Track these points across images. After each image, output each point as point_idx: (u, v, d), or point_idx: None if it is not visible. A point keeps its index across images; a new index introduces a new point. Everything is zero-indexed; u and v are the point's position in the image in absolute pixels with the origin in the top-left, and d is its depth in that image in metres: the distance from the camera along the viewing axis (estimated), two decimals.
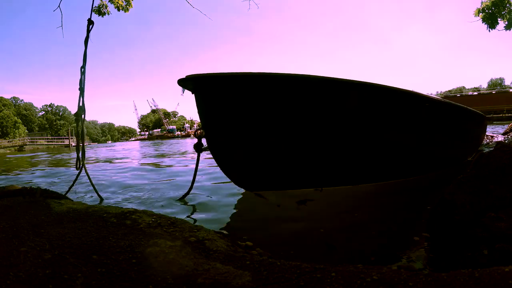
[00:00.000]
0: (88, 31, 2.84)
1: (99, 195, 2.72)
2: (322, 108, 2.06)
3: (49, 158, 10.69)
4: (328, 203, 2.35)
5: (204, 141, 2.35)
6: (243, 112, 2.02)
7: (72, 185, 2.82)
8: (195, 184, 2.63)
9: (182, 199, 2.55)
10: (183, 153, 9.23)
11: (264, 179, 2.31)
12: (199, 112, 2.15)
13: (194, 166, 2.62)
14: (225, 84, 1.95)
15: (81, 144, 2.81)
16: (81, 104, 2.75)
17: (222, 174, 2.32)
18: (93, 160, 8.55)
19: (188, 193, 2.60)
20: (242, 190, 2.71)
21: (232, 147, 2.14)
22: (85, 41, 2.82)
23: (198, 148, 2.43)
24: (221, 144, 2.16)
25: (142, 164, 6.17)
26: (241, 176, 2.30)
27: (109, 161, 7.74)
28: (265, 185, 2.36)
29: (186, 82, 2.05)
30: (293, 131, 2.08)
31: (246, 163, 2.20)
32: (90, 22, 2.86)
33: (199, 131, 2.37)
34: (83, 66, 2.77)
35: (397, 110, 2.29)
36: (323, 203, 2.35)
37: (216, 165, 2.27)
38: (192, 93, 2.14)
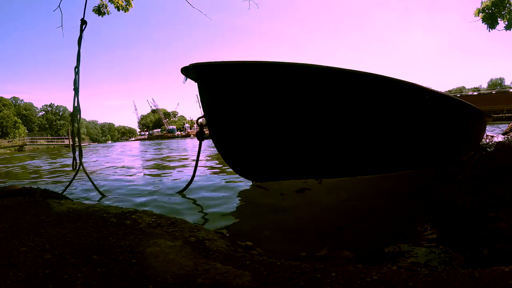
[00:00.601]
0: (81, 31, 2.84)
1: (100, 192, 2.72)
2: (324, 96, 2.05)
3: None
4: (325, 202, 2.35)
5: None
6: (247, 102, 2.01)
7: (69, 184, 2.83)
8: (197, 182, 2.63)
9: (186, 188, 2.54)
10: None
11: (266, 170, 2.31)
12: (201, 101, 2.15)
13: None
14: (228, 72, 1.94)
15: (77, 144, 2.82)
16: (76, 104, 2.74)
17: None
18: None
19: (191, 182, 2.59)
20: (242, 188, 2.71)
21: (235, 137, 2.13)
22: (78, 41, 2.82)
23: (200, 136, 2.43)
24: (224, 134, 2.16)
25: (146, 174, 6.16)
26: (243, 166, 2.30)
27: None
28: (266, 176, 2.36)
29: (190, 71, 2.05)
30: (295, 121, 2.08)
31: (248, 153, 2.20)
32: (83, 22, 2.87)
33: (201, 119, 2.36)
34: (77, 66, 2.76)
35: (396, 102, 2.29)
36: (320, 200, 2.35)
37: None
38: (195, 82, 2.13)
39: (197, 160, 2.56)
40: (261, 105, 2.01)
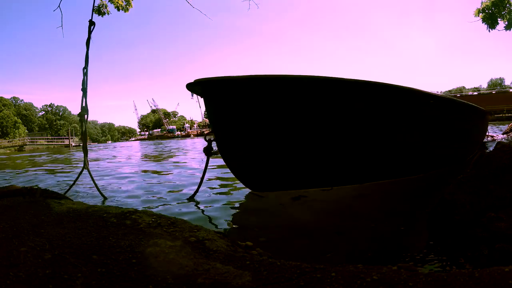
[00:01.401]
0: (90, 32, 2.85)
1: (102, 194, 2.72)
2: (328, 108, 2.06)
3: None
4: (322, 202, 2.35)
5: (214, 145, 2.39)
6: (251, 114, 2.04)
7: (73, 184, 2.83)
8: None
9: (191, 199, 2.55)
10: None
11: (273, 180, 2.32)
12: (208, 115, 2.19)
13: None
14: (232, 87, 1.98)
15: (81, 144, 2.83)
16: (84, 105, 2.77)
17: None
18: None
19: (195, 193, 2.61)
20: (243, 191, 2.71)
21: (241, 149, 2.16)
22: (86, 43, 2.83)
23: (208, 152, 2.46)
24: (230, 147, 2.18)
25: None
26: (250, 178, 2.32)
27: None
28: (274, 186, 2.38)
29: (195, 87, 2.09)
30: (301, 132, 2.09)
31: (256, 165, 2.22)
32: (91, 23, 2.87)
33: (209, 135, 2.41)
34: (85, 67, 2.78)
35: (403, 108, 2.30)
36: (318, 201, 2.35)
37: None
38: (201, 97, 2.18)
39: (203, 175, 2.59)
40: (266, 118, 2.04)
